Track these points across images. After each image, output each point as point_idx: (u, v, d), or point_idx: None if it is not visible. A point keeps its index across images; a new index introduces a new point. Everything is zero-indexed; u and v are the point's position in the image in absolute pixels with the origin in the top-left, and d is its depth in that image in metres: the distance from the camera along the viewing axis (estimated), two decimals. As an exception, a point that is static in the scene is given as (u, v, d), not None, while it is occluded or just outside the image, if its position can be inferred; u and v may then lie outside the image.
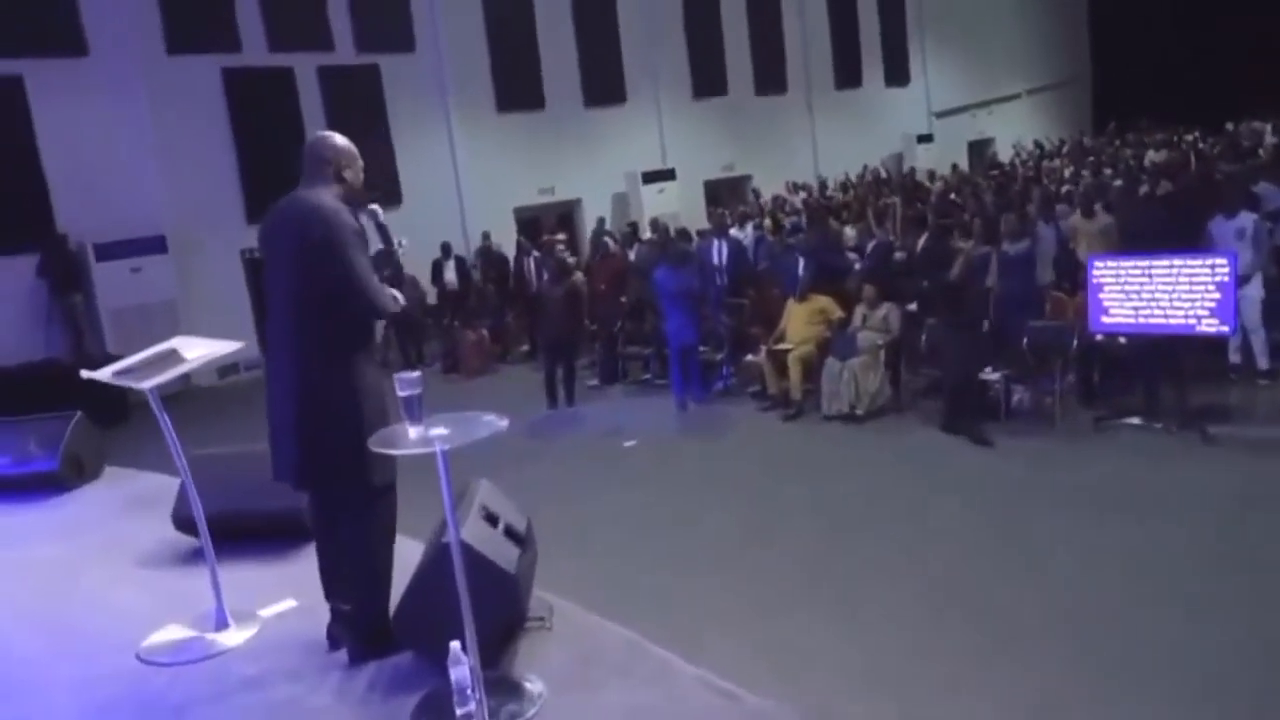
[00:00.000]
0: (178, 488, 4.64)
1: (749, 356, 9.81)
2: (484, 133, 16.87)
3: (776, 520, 6.41)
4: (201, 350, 3.64)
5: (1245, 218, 8.52)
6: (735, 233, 12.88)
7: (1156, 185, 13.06)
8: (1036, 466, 6.94)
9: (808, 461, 7.74)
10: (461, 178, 16.63)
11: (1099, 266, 7.60)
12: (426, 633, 3.29)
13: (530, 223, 17.46)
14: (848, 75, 23.75)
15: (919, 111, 25.49)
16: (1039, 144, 24.38)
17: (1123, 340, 7.75)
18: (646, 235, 14.87)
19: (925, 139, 24.70)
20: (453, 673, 2.87)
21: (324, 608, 3.70)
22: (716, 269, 10.96)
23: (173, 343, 3.66)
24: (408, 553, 3.72)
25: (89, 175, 12.63)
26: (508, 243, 15.58)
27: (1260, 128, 20.47)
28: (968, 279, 8.37)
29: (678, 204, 18.82)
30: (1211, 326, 7.12)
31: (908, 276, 10.04)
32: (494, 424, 2.84)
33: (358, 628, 3.53)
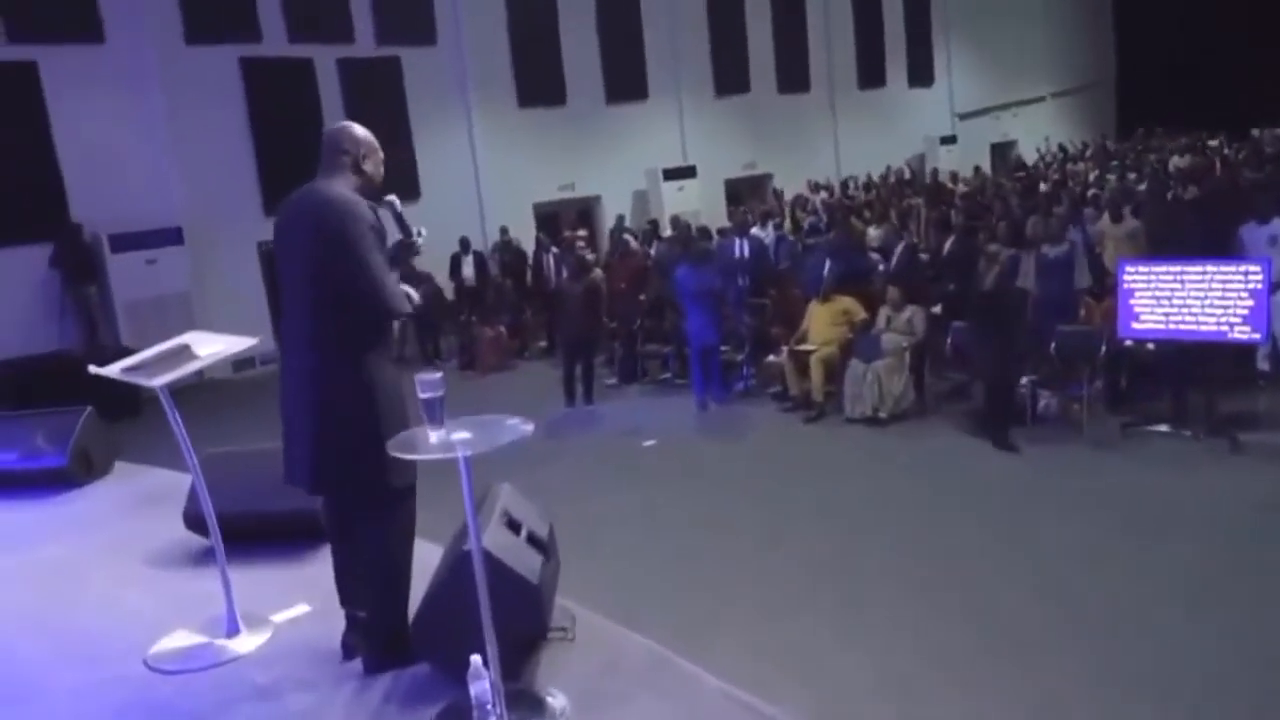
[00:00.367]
0: (189, 485, 4.49)
1: (770, 357, 9.68)
2: (504, 128, 16.75)
3: (798, 524, 6.29)
4: (215, 346, 3.49)
5: (1278, 224, 8.38)
6: (757, 231, 12.72)
7: (1184, 190, 12.88)
8: (1062, 473, 6.82)
9: (830, 464, 7.61)
10: (481, 173, 16.51)
11: (1130, 272, 7.46)
12: (445, 643, 3.16)
13: (549, 219, 17.34)
14: (871, 75, 23.55)
15: (942, 112, 25.28)
16: (1063, 147, 24.15)
17: (1151, 346, 7.60)
18: (667, 233, 14.73)
19: (948, 140, 24.48)
20: (473, 688, 2.75)
21: (339, 613, 3.58)
22: (739, 267, 10.80)
23: (185, 338, 3.51)
24: (426, 556, 3.60)
25: (104, 165, 12.52)
26: (526, 238, 15.47)
27: (1281, 134, 20.29)
28: (1003, 285, 8.18)
29: (698, 202, 18.68)
30: (1244, 334, 6.98)
31: (935, 280, 9.91)
32: (518, 428, 2.71)
33: (374, 636, 3.40)
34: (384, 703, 3.27)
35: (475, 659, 2.74)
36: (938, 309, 9.25)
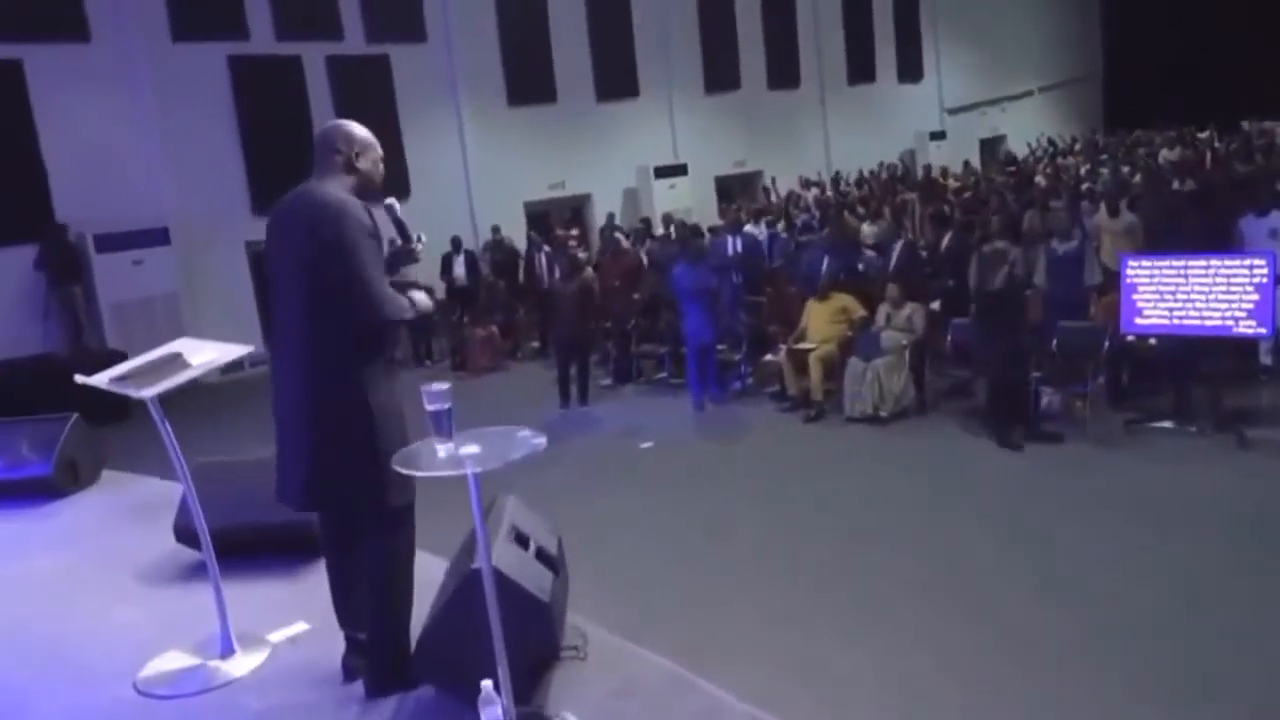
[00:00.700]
0: (180, 495, 4.34)
1: (768, 356, 9.56)
2: (495, 126, 16.60)
3: (801, 526, 6.16)
4: (208, 355, 3.32)
5: (1277, 216, 8.33)
6: (750, 229, 12.61)
7: (1182, 183, 12.82)
8: (1067, 471, 6.70)
9: (832, 464, 7.49)
10: (471, 171, 16.35)
11: (1133, 266, 7.36)
12: (451, 665, 3.03)
13: (540, 217, 17.23)
14: (861, 71, 23.45)
15: (932, 108, 25.21)
16: (1052, 141, 24.12)
17: (1153, 341, 7.51)
18: (659, 231, 14.61)
19: (938, 136, 24.42)
20: (484, 714, 2.61)
21: (338, 630, 3.43)
22: (732, 265, 10.66)
23: (176, 346, 3.35)
24: (428, 569, 3.47)
25: (90, 164, 12.32)
26: (518, 237, 15.33)
27: (1270, 127, 20.27)
28: (1011, 282, 8.06)
29: (689, 199, 18.57)
30: (1249, 329, 6.90)
31: (932, 276, 9.81)
32: (530, 442, 2.57)
33: (375, 658, 3.26)
34: (387, 727, 3.15)
35: (486, 684, 2.60)
36: (936, 305, 9.17)
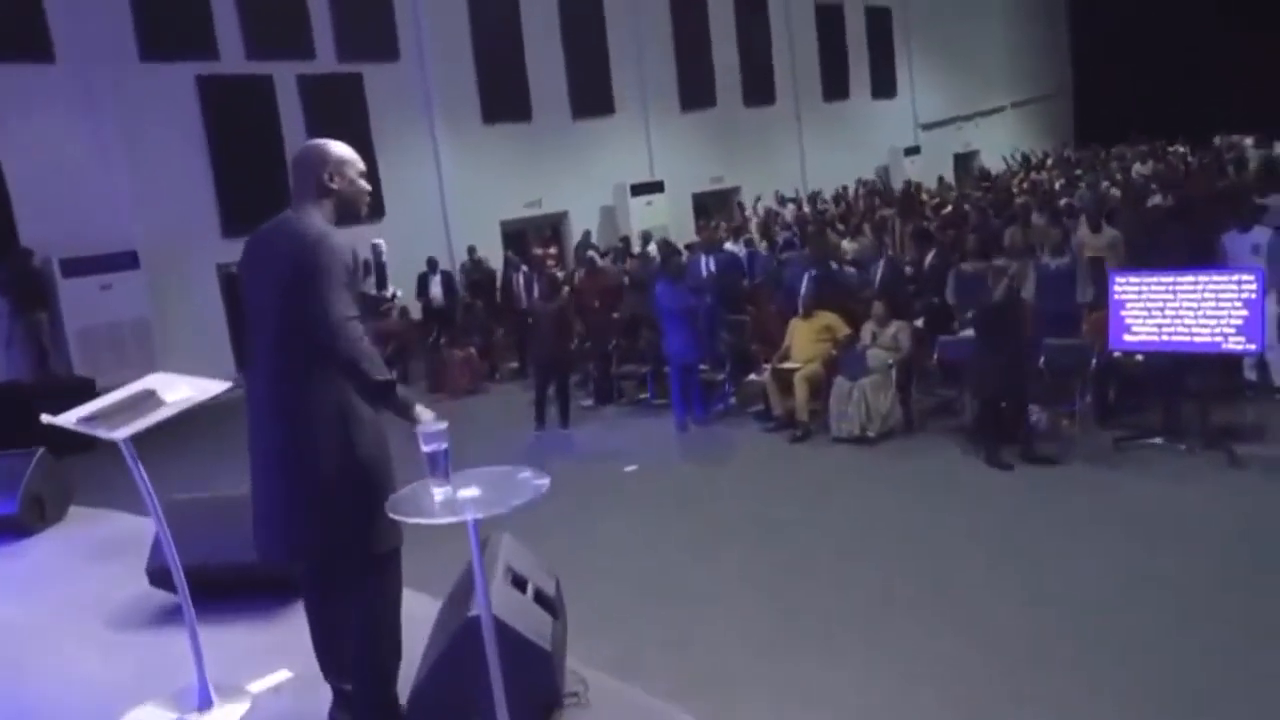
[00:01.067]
0: (153, 532, 4.13)
1: (751, 376, 9.43)
2: (470, 144, 16.48)
3: (792, 551, 6.00)
4: (183, 392, 3.13)
5: (1260, 232, 8.32)
6: (730, 246, 12.50)
7: (1165, 197, 12.87)
8: (1058, 490, 6.60)
9: (821, 487, 7.35)
10: (446, 190, 16.21)
11: (1121, 282, 7.29)
12: (449, 717, 2.86)
13: (517, 236, 17.12)
14: (835, 87, 23.54)
15: (906, 123, 25.34)
16: (1025, 156, 24.28)
17: (1140, 358, 7.44)
18: (637, 250, 14.50)
19: (912, 151, 24.57)
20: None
21: (323, 679, 3.25)
22: (706, 285, 10.44)
23: (150, 382, 3.16)
24: (416, 608, 3.29)
25: (55, 187, 12.08)
26: (494, 257, 15.18)
27: (1238, 141, 20.50)
28: (1010, 298, 7.95)
29: (666, 216, 18.53)
30: (1238, 345, 6.84)
31: (916, 295, 9.73)
32: (533, 484, 2.42)
33: (362, 712, 3.07)
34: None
35: (485, 741, 2.45)
36: (920, 323, 9.08)
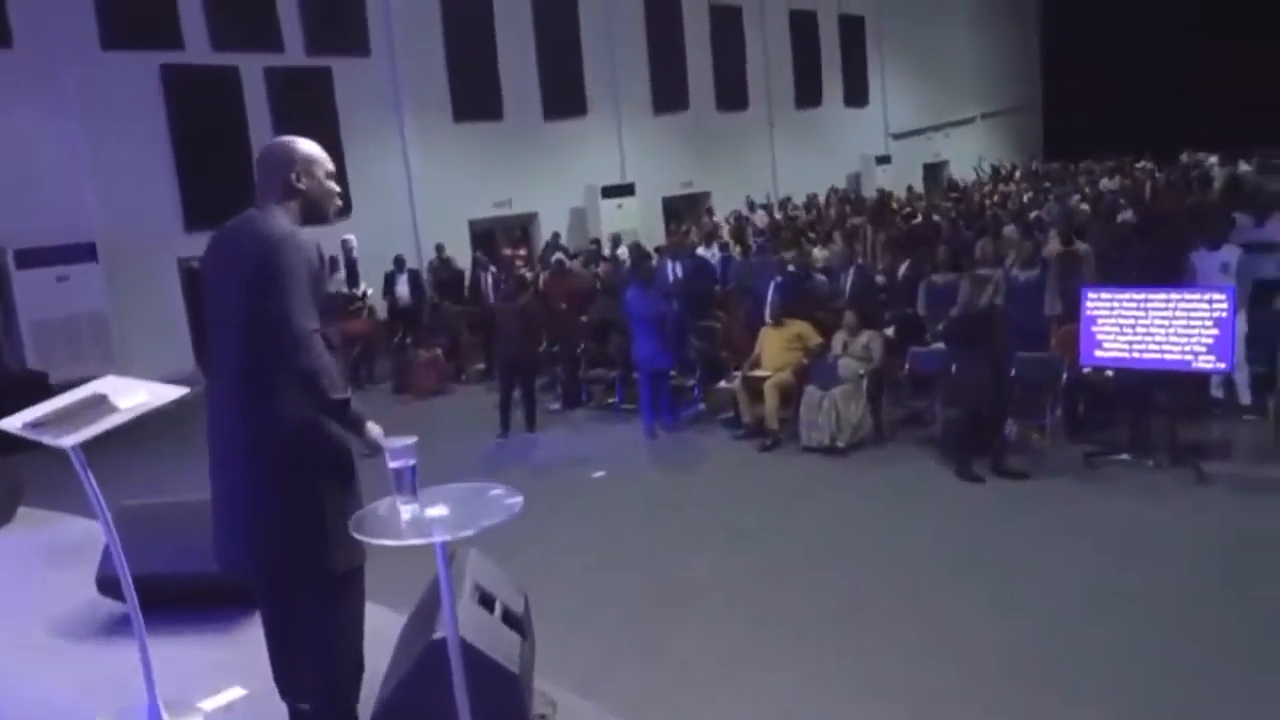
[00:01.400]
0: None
1: (721, 383, 9.36)
2: (439, 142, 16.31)
3: (761, 561, 5.93)
4: (138, 397, 2.95)
5: (1229, 250, 8.33)
6: (702, 251, 12.43)
7: (1129, 213, 12.95)
8: (1029, 504, 6.57)
9: (791, 497, 7.27)
10: (415, 188, 16.03)
11: (1093, 298, 7.27)
12: (409, 742, 2.74)
13: (486, 236, 16.97)
14: (808, 94, 23.57)
15: (877, 132, 25.43)
16: (995, 167, 24.44)
17: (1110, 373, 7.45)
18: (608, 252, 14.40)
19: (883, 160, 24.66)
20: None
21: (279, 697, 3.12)
22: (673, 292, 10.34)
23: (101, 386, 2.99)
24: (379, 623, 3.17)
25: (10, 176, 11.80)
26: (462, 256, 15.01)
27: (1204, 158, 20.77)
28: (994, 307, 7.91)
29: (636, 220, 18.45)
30: (1208, 363, 6.84)
31: (886, 304, 9.70)
32: (504, 503, 2.31)
33: (322, 733, 2.95)
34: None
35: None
36: (890, 331, 9.05)
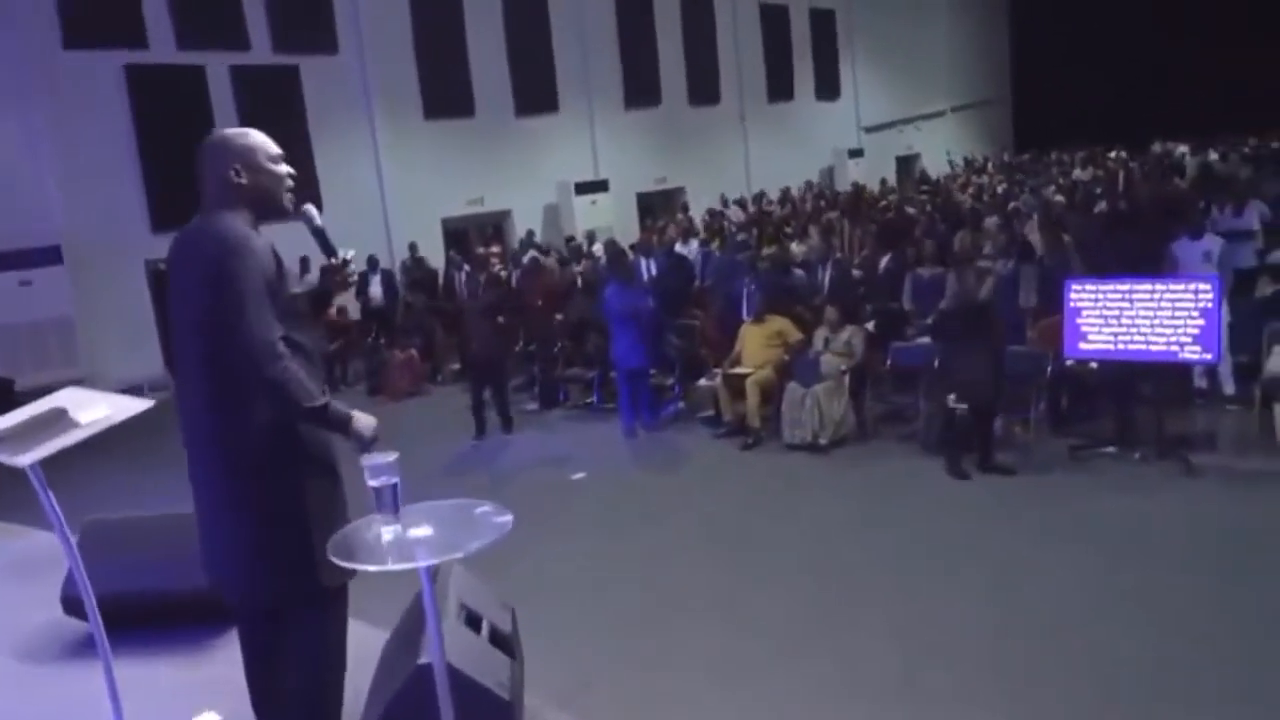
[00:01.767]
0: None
1: (701, 381, 9.24)
2: (410, 140, 16.13)
3: (744, 563, 5.82)
4: (100, 411, 2.77)
5: (1210, 240, 8.34)
6: (680, 248, 12.32)
7: (1111, 204, 12.95)
8: (1016, 499, 6.49)
9: (774, 496, 7.17)
10: (386, 187, 15.85)
11: (1076, 290, 7.21)
12: (393, 770, 2.60)
13: (459, 234, 16.80)
14: (780, 88, 23.55)
15: (849, 125, 25.44)
16: (968, 159, 24.51)
17: (1094, 365, 7.40)
18: (588, 250, 14.27)
19: (856, 153, 24.69)
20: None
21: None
22: (647, 290, 10.21)
23: (61, 399, 2.81)
24: (362, 641, 3.02)
25: (-28, 178, 11.56)
26: (435, 255, 14.84)
27: (1173, 148, 20.92)
28: (993, 299, 7.83)
29: (611, 216, 18.33)
30: (1194, 354, 6.79)
31: (865, 298, 9.63)
32: (493, 521, 2.18)
33: (301, 762, 2.80)
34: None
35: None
36: (871, 326, 8.97)
